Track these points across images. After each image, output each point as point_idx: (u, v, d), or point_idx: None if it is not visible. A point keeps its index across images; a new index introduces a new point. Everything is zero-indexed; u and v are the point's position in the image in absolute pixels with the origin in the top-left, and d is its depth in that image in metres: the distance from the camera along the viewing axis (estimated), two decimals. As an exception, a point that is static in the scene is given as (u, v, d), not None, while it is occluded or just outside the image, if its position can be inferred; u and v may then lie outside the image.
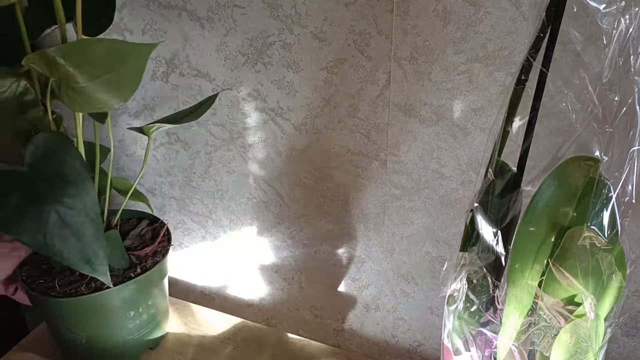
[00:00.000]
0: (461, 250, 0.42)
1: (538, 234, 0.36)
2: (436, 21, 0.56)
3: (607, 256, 0.34)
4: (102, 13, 0.63)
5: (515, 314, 0.37)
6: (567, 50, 0.44)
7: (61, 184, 0.53)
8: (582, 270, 0.34)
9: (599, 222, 0.34)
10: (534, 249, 0.36)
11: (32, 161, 0.53)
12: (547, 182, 0.36)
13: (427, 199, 0.67)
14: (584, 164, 0.34)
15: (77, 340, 0.65)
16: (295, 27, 0.63)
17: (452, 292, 0.41)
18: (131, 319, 0.67)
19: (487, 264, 0.38)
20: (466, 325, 0.41)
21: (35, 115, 0.56)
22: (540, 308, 0.36)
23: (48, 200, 0.51)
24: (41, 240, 0.51)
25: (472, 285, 0.39)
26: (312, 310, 0.86)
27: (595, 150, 0.34)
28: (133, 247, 0.70)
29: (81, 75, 0.49)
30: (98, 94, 0.51)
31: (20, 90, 0.55)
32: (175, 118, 0.64)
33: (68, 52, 0.47)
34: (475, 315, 0.40)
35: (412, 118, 0.63)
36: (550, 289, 0.36)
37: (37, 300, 0.63)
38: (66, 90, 0.51)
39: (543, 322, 0.36)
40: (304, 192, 0.75)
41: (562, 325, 0.35)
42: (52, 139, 0.54)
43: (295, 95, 0.67)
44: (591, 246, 0.34)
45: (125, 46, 0.50)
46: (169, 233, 0.74)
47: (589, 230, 0.34)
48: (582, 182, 0.35)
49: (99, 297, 0.62)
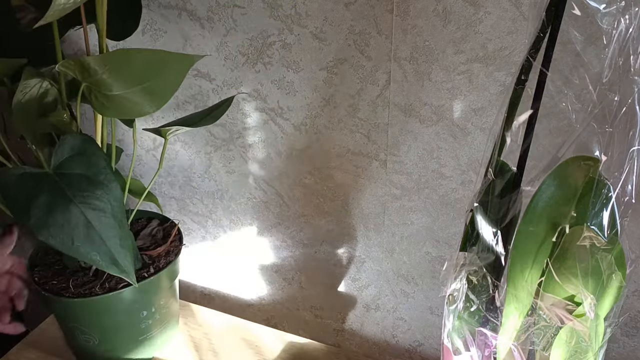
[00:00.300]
0: (461, 250, 0.42)
1: (538, 234, 0.36)
2: (436, 21, 0.56)
3: (607, 256, 0.34)
4: (128, 16, 0.62)
5: (515, 314, 0.37)
6: (567, 50, 0.44)
7: (88, 186, 0.53)
8: (582, 270, 0.34)
9: (599, 222, 0.34)
10: (534, 249, 0.36)
11: (58, 163, 0.53)
12: (547, 182, 0.36)
13: (427, 199, 0.67)
14: (583, 163, 0.34)
15: (90, 341, 0.65)
16: (295, 27, 0.63)
17: (451, 292, 0.41)
18: (144, 319, 0.67)
19: (486, 263, 0.38)
20: (466, 325, 0.41)
21: (58, 117, 0.55)
22: (540, 308, 0.36)
23: (75, 202, 0.51)
24: (69, 244, 0.50)
25: (472, 285, 0.39)
26: (312, 310, 0.86)
27: (595, 150, 0.34)
28: (145, 247, 0.70)
29: (116, 83, 0.49)
30: (130, 102, 0.51)
31: (42, 92, 0.55)
32: (194, 120, 0.63)
33: (106, 61, 0.47)
34: (475, 315, 0.40)
35: (412, 118, 0.63)
36: (550, 289, 0.36)
37: (51, 301, 0.63)
38: (96, 96, 0.51)
39: (543, 321, 0.36)
40: (304, 192, 0.75)
41: (562, 325, 0.35)
42: (78, 140, 0.54)
43: (295, 95, 0.68)
44: (591, 246, 0.34)
45: (165, 57, 0.50)
46: (180, 233, 0.74)
47: (588, 230, 0.34)
48: (582, 182, 0.35)
49: (113, 297, 0.62)
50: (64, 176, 0.52)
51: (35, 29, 0.49)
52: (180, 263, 0.72)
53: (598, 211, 0.34)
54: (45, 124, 0.56)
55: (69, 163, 0.53)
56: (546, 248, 0.36)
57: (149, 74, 0.49)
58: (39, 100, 0.55)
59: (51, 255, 0.70)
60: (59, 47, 0.54)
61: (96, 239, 0.52)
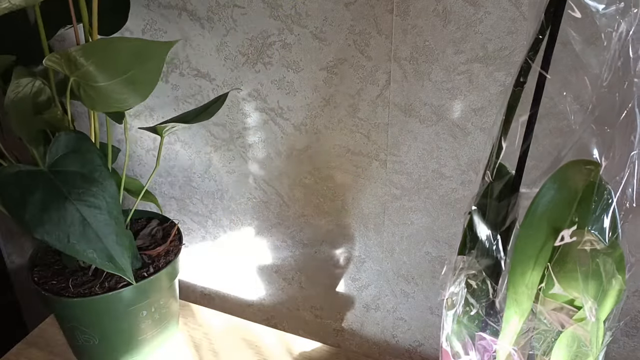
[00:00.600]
0: (459, 253, 0.42)
1: (538, 238, 0.35)
2: (436, 21, 0.56)
3: (608, 260, 0.34)
4: (116, 12, 0.62)
5: (515, 318, 0.37)
6: (566, 51, 0.44)
7: (83, 183, 0.53)
8: (582, 274, 0.34)
9: (600, 226, 0.34)
10: (534, 253, 0.35)
11: (53, 161, 0.53)
12: (547, 186, 0.35)
13: (427, 199, 0.67)
14: (584, 167, 0.34)
15: (89, 341, 0.65)
16: (295, 27, 0.63)
17: (450, 296, 0.40)
18: (144, 318, 0.67)
19: (486, 267, 0.38)
20: (465, 329, 0.40)
21: (52, 115, 0.55)
22: (540, 312, 0.36)
23: (70, 200, 0.51)
24: (65, 241, 0.50)
25: (472, 289, 0.39)
26: (312, 310, 0.86)
27: (595, 153, 0.33)
28: (144, 247, 0.70)
29: (101, 74, 0.49)
30: (116, 93, 0.51)
31: (35, 90, 0.55)
32: (189, 117, 0.63)
33: (89, 51, 0.47)
34: (474, 319, 0.40)
35: (412, 118, 0.63)
36: (550, 293, 0.35)
37: (51, 301, 0.63)
38: (85, 89, 0.51)
39: (543, 326, 0.35)
40: (304, 192, 0.75)
41: (563, 330, 0.35)
42: (73, 138, 0.54)
43: (295, 95, 0.67)
44: (591, 250, 0.34)
45: (145, 45, 0.50)
46: (180, 232, 0.74)
47: (589, 234, 0.33)
48: (582, 185, 0.34)
49: (112, 297, 0.62)
50: (59, 174, 0.52)
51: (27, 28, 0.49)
52: (180, 263, 0.72)
53: (599, 215, 0.33)
54: (40, 121, 0.56)
55: (64, 160, 0.53)
56: (546, 252, 0.35)
57: (131, 63, 0.49)
58: (32, 99, 0.55)
59: (50, 255, 0.70)
60: (45, 43, 0.54)
61: (92, 236, 0.52)
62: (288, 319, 0.89)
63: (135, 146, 0.83)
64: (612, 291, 0.34)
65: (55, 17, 0.58)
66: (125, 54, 0.49)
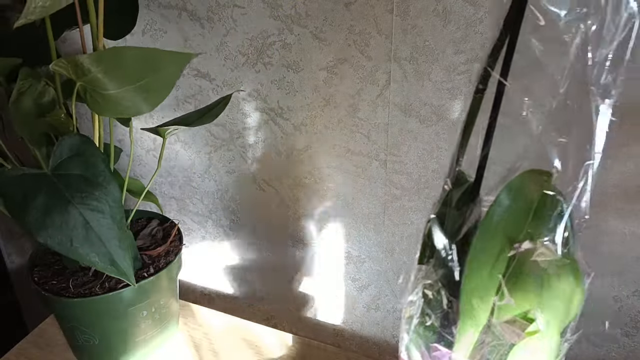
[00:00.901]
0: (419, 262, 0.40)
1: (493, 249, 0.34)
2: (436, 21, 0.56)
3: (562, 271, 0.33)
4: (123, 14, 0.62)
5: (470, 331, 0.36)
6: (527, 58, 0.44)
7: (86, 187, 0.52)
8: (535, 286, 0.33)
9: (554, 237, 0.33)
10: (489, 264, 0.34)
11: (57, 164, 0.53)
12: (502, 195, 0.34)
13: (427, 199, 0.67)
14: (538, 177, 0.33)
15: (89, 341, 0.65)
16: (295, 27, 0.63)
17: (408, 305, 0.39)
18: (144, 319, 0.67)
19: (442, 277, 0.37)
20: (421, 339, 0.39)
21: (55, 117, 0.55)
22: (493, 325, 0.34)
23: (73, 204, 0.51)
24: (68, 245, 0.50)
25: (428, 299, 0.37)
26: (312, 310, 0.86)
27: (553, 162, 0.32)
28: (145, 247, 0.70)
29: (111, 82, 0.48)
30: (126, 101, 0.51)
31: (39, 92, 0.55)
32: (191, 119, 0.63)
33: (100, 59, 0.47)
34: (430, 329, 0.38)
35: (412, 118, 0.63)
36: (504, 305, 0.34)
37: (51, 301, 0.63)
38: (92, 95, 0.50)
39: (496, 339, 0.34)
40: (304, 192, 0.75)
41: (515, 342, 0.34)
42: (76, 141, 0.54)
43: (295, 95, 0.67)
44: (545, 262, 0.33)
45: (160, 55, 0.50)
46: (180, 233, 0.74)
47: (543, 245, 0.33)
48: (537, 195, 0.33)
49: (112, 297, 0.62)
50: (62, 177, 0.52)
51: (32, 29, 0.48)
52: (180, 263, 0.72)
53: (553, 226, 0.32)
54: (43, 124, 0.56)
55: (68, 164, 0.53)
56: (501, 263, 0.34)
57: (143, 72, 0.49)
58: (36, 101, 0.55)
59: (51, 255, 0.70)
60: (53, 46, 0.54)
61: (95, 240, 0.52)
62: (288, 319, 0.89)
63: (136, 146, 0.83)
64: (568, 303, 0.33)
65: (62, 18, 0.58)
66: (135, 63, 0.48)
